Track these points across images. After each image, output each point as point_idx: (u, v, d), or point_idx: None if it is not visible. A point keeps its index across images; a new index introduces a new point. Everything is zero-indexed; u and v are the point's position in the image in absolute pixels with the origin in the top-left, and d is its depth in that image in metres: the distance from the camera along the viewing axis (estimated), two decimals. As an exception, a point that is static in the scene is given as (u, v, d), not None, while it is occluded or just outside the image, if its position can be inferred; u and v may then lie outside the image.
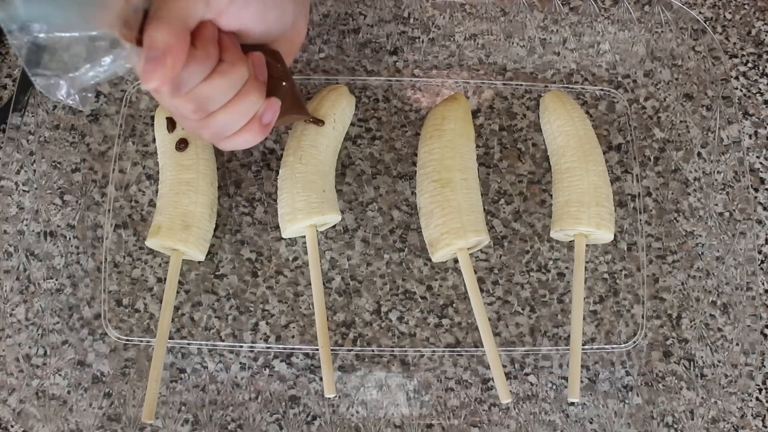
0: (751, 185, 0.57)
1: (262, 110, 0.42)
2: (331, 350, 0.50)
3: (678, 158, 0.57)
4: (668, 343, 0.53)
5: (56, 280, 0.53)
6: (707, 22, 0.62)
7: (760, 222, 0.56)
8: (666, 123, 0.58)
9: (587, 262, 0.54)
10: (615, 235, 0.54)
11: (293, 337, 0.52)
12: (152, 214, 0.54)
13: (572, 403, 0.51)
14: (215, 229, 0.54)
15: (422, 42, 0.59)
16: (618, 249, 0.55)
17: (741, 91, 0.60)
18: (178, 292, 0.53)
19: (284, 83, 0.44)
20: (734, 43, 0.61)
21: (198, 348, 0.52)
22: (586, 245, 0.53)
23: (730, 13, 0.62)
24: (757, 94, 0.60)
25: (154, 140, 0.56)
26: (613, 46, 0.59)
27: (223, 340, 0.52)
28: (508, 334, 0.53)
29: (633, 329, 0.53)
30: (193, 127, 0.41)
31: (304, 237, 0.53)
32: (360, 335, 0.53)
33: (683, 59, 0.58)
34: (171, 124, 0.53)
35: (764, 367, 0.53)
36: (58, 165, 0.55)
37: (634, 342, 0.53)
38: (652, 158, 0.57)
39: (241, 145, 0.43)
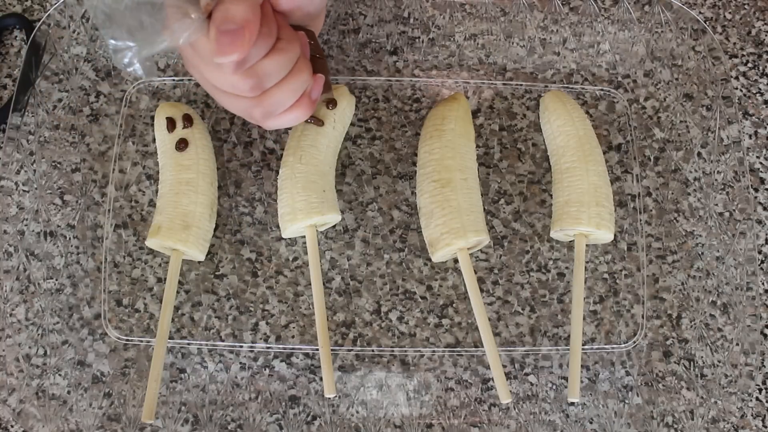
0: (751, 185, 0.57)
1: (310, 87, 0.44)
2: (331, 350, 0.50)
3: (678, 158, 0.57)
4: (668, 343, 0.53)
5: (56, 280, 0.53)
6: (707, 22, 0.62)
7: (760, 222, 0.56)
8: (666, 123, 0.58)
9: (587, 262, 0.54)
10: (615, 235, 0.54)
11: (293, 337, 0.52)
12: (152, 214, 0.54)
13: (572, 403, 0.51)
14: (215, 229, 0.54)
15: (422, 42, 0.59)
16: (618, 249, 0.55)
17: (741, 91, 0.60)
18: (178, 292, 0.53)
19: (321, 60, 0.46)
20: (734, 43, 0.61)
21: (198, 348, 0.52)
22: (586, 245, 0.53)
23: (730, 13, 0.62)
24: (757, 94, 0.60)
25: (154, 140, 0.56)
26: (613, 46, 0.59)
27: (223, 340, 0.52)
28: (508, 334, 0.53)
29: (633, 329, 0.53)
30: (245, 107, 0.42)
31: (304, 237, 0.53)
32: (360, 335, 0.53)
33: (683, 59, 0.58)
34: (171, 124, 0.53)
35: (764, 367, 0.53)
36: (58, 165, 0.55)
37: (634, 342, 0.53)
38: (652, 158, 0.57)
39: (289, 122, 0.44)
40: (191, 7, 0.35)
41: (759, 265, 0.55)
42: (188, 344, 0.52)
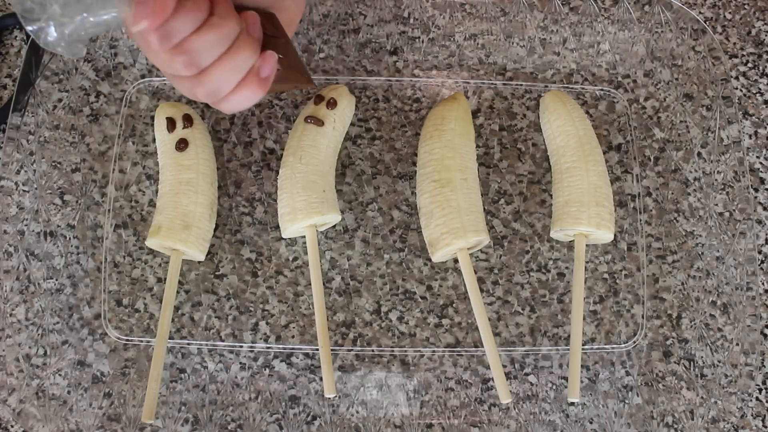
0: (751, 185, 0.57)
1: (258, 63, 0.42)
2: (331, 350, 0.50)
3: (678, 158, 0.57)
4: (668, 343, 0.53)
5: (56, 280, 0.53)
6: (707, 22, 0.62)
7: (760, 222, 0.56)
8: (666, 123, 0.58)
9: (587, 262, 0.54)
10: (615, 235, 0.54)
11: (293, 337, 0.52)
12: (152, 214, 0.54)
13: (572, 403, 0.51)
14: (215, 229, 0.54)
15: (422, 42, 0.59)
16: (618, 249, 0.55)
17: (741, 91, 0.60)
18: (178, 292, 0.53)
19: (281, 40, 0.44)
20: (734, 43, 0.61)
21: (198, 348, 0.52)
22: (586, 245, 0.53)
23: (730, 13, 0.62)
24: (757, 94, 0.60)
25: (154, 140, 0.56)
26: (613, 46, 0.59)
27: (223, 340, 0.52)
28: (508, 334, 0.53)
29: (633, 329, 0.53)
30: (188, 87, 0.41)
31: (304, 237, 0.53)
32: (360, 335, 0.53)
33: (683, 59, 0.58)
34: (171, 124, 0.53)
35: (764, 367, 0.53)
36: (58, 165, 0.55)
37: (634, 342, 0.53)
38: (652, 158, 0.57)
39: (241, 104, 0.42)
40: None
41: (759, 265, 0.55)
42: (188, 344, 0.52)
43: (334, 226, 0.55)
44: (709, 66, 0.57)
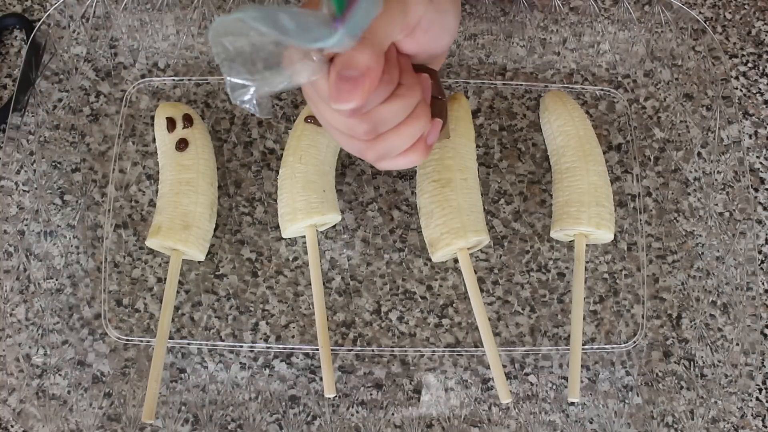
0: (751, 185, 0.57)
1: (427, 131, 0.42)
2: (331, 350, 0.50)
3: (678, 158, 0.57)
4: (668, 343, 0.53)
5: (56, 280, 0.53)
6: (707, 22, 0.62)
7: (760, 222, 0.56)
8: (666, 123, 0.58)
9: (587, 262, 0.54)
10: (615, 235, 0.54)
11: (293, 337, 0.52)
12: (152, 214, 0.54)
13: (572, 403, 0.51)
14: (215, 229, 0.54)
15: (422, 42, 0.59)
16: (618, 249, 0.55)
17: (741, 91, 0.60)
18: (178, 292, 0.53)
19: (442, 101, 0.44)
20: (734, 43, 0.61)
21: (198, 348, 0.52)
22: (586, 245, 0.53)
23: (730, 13, 0.62)
24: (757, 94, 0.60)
25: (154, 140, 0.56)
26: (613, 46, 0.59)
27: (223, 340, 0.52)
28: (508, 334, 0.53)
29: (633, 329, 0.53)
30: (358, 148, 0.41)
31: (304, 237, 0.53)
32: (360, 335, 0.53)
33: (683, 59, 0.58)
34: (171, 124, 0.53)
35: (764, 367, 0.53)
36: (58, 165, 0.55)
37: (634, 342, 0.53)
38: (652, 158, 0.57)
39: (403, 165, 0.42)
40: (314, 49, 0.34)
41: (759, 265, 0.55)
42: (188, 344, 0.52)
43: (334, 226, 0.55)
44: (709, 66, 0.57)
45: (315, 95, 0.39)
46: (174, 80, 0.58)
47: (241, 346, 0.52)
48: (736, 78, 0.60)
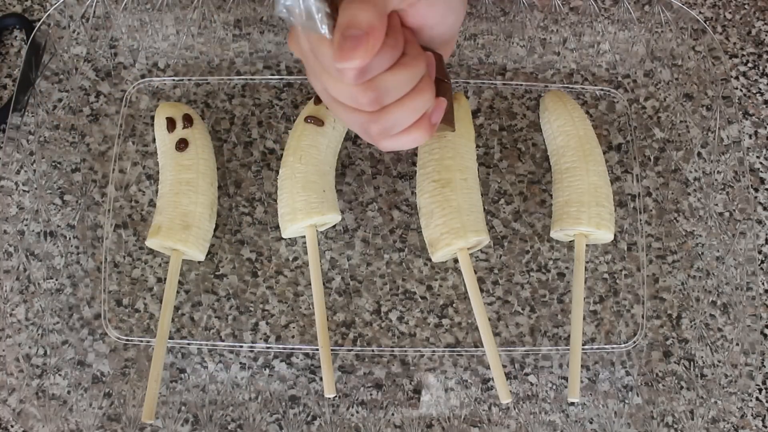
0: (751, 185, 0.57)
1: (431, 109, 0.42)
2: (331, 350, 0.50)
3: (678, 158, 0.57)
4: (668, 343, 0.53)
5: (56, 280, 0.53)
6: (707, 22, 0.62)
7: (760, 222, 0.56)
8: (666, 123, 0.58)
9: (587, 262, 0.54)
10: (615, 235, 0.54)
11: (293, 337, 0.52)
12: (152, 214, 0.54)
13: (572, 403, 0.51)
14: (215, 229, 0.54)
15: (422, 42, 0.59)
16: (618, 249, 0.55)
17: (741, 91, 0.60)
18: (178, 292, 0.53)
19: (447, 84, 0.44)
20: (734, 43, 0.61)
21: (198, 348, 0.52)
22: (586, 245, 0.53)
23: (730, 13, 0.62)
24: (757, 94, 0.60)
25: (154, 140, 0.56)
26: (613, 46, 0.59)
27: (223, 340, 0.52)
28: (508, 334, 0.53)
29: (633, 329, 0.53)
30: (362, 121, 0.40)
31: (304, 237, 0.53)
32: (360, 335, 0.53)
33: (683, 59, 0.58)
34: (171, 124, 0.53)
35: (764, 367, 0.53)
36: (58, 165, 0.55)
37: (634, 342, 0.53)
38: (652, 158, 0.57)
39: (406, 144, 0.42)
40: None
41: (759, 265, 0.55)
42: (188, 344, 0.52)
43: (334, 226, 0.55)
44: (709, 66, 0.57)
45: (317, 65, 0.39)
46: (174, 80, 0.58)
47: (241, 346, 0.52)
48: (736, 78, 0.60)
